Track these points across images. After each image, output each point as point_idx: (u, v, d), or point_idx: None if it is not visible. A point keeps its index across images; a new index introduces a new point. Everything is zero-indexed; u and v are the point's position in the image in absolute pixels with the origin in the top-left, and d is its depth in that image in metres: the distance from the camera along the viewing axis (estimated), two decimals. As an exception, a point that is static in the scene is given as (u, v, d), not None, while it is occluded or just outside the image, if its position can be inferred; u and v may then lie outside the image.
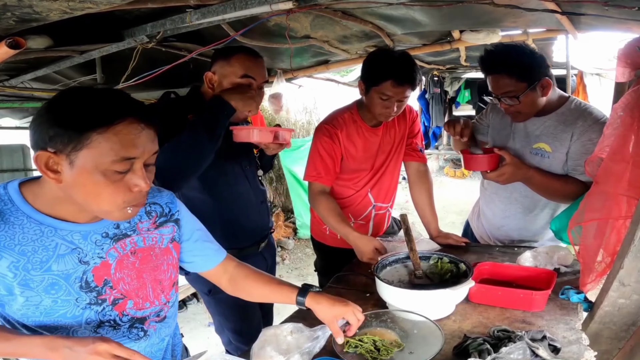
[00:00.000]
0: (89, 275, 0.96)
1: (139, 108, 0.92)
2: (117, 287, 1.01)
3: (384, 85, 1.75)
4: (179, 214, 1.15)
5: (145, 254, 1.06)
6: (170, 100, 1.66)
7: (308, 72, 3.50)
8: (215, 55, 1.68)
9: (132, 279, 1.03)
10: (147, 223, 1.09)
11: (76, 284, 0.95)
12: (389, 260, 1.56)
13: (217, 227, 1.62)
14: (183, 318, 3.82)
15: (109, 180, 0.88)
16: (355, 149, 1.96)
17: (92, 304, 0.97)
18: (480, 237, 2.12)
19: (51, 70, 2.42)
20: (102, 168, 0.87)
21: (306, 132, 6.81)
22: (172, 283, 1.14)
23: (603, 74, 6.07)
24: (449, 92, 7.88)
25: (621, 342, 1.34)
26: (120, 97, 0.92)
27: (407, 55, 1.82)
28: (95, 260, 0.97)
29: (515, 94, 1.64)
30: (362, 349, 1.14)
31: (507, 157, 1.66)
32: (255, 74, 1.63)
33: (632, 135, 1.29)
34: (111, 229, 1.02)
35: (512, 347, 1.02)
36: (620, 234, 1.31)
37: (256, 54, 1.67)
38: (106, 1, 1.14)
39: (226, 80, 1.62)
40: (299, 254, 5.34)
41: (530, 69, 1.62)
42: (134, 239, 1.05)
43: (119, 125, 0.87)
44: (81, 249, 0.96)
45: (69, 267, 0.94)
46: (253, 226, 1.82)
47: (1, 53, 1.45)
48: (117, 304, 1.01)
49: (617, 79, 1.45)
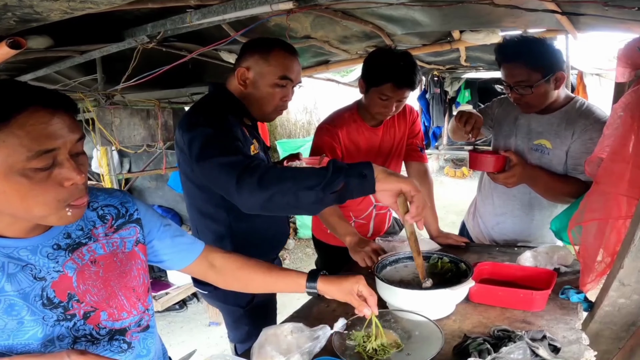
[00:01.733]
0: (49, 291, 0.89)
1: (42, 94, 0.81)
2: (85, 299, 0.93)
3: (384, 87, 1.75)
4: (139, 213, 1.06)
5: (107, 262, 0.98)
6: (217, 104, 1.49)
7: (308, 72, 3.50)
8: (248, 49, 1.50)
9: (99, 290, 0.95)
10: (103, 228, 0.99)
11: (38, 302, 0.87)
12: (389, 260, 1.56)
13: (239, 236, 1.59)
14: (183, 318, 3.83)
15: (33, 181, 0.78)
16: (355, 149, 1.96)
17: (61, 320, 0.90)
18: (476, 238, 2.12)
19: (52, 71, 2.42)
20: (19, 168, 0.76)
21: (306, 132, 6.82)
22: (147, 289, 1.06)
23: (603, 74, 6.07)
24: (449, 92, 7.88)
25: (621, 342, 1.34)
26: (15, 86, 0.81)
27: (408, 55, 1.80)
28: (52, 275, 0.89)
29: (528, 84, 1.64)
30: (362, 349, 1.14)
31: (514, 158, 1.66)
32: (293, 74, 1.50)
33: (632, 135, 1.29)
34: (62, 240, 0.92)
35: (512, 347, 1.02)
36: (620, 234, 1.32)
37: (293, 50, 1.53)
38: (107, 1, 1.14)
39: (263, 80, 1.47)
40: (299, 253, 5.34)
41: (546, 61, 1.63)
42: (92, 246, 0.96)
43: (20, 117, 0.76)
44: (33, 265, 0.87)
45: (24, 285, 0.86)
46: (273, 234, 1.74)
47: (2, 53, 1.45)
48: (89, 317, 0.94)
49: (617, 79, 1.45)
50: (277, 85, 1.48)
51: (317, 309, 1.46)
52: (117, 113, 3.35)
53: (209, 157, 1.22)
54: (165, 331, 3.61)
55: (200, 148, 1.27)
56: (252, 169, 1.12)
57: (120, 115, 3.38)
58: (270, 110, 1.54)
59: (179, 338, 3.50)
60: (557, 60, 1.65)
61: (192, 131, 1.33)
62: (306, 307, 1.49)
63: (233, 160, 1.18)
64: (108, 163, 3.62)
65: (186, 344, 3.39)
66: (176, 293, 3.74)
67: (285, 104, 1.57)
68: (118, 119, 3.36)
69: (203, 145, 1.27)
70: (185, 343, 3.42)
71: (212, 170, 1.21)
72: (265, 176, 1.09)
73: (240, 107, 1.53)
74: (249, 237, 1.62)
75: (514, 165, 1.66)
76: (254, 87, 1.50)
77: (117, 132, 3.36)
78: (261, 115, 1.57)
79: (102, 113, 3.26)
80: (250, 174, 1.11)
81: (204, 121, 1.34)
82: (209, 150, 1.24)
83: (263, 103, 1.52)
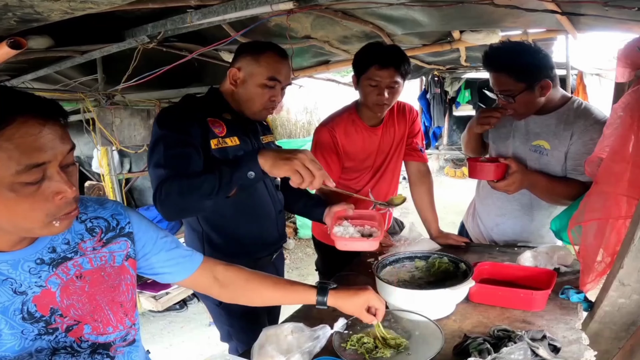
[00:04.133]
0: (30, 306, 0.85)
1: (32, 102, 0.76)
2: (68, 314, 0.89)
3: (370, 71, 1.78)
4: (131, 227, 1.01)
5: (94, 277, 0.94)
6: (190, 102, 1.58)
7: (308, 73, 3.51)
8: (242, 51, 1.57)
9: (84, 304, 0.92)
10: (91, 242, 0.95)
11: (17, 316, 0.84)
12: (389, 260, 1.56)
13: (237, 237, 1.63)
14: (183, 318, 3.83)
15: (21, 195, 0.74)
16: (354, 149, 1.97)
17: (43, 334, 0.86)
18: (475, 239, 2.12)
19: (52, 71, 2.42)
20: (7, 182, 0.73)
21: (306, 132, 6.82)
22: (134, 303, 1.03)
23: (603, 74, 6.08)
24: (449, 92, 7.89)
25: (621, 341, 1.34)
26: (2, 94, 0.75)
27: (394, 45, 1.88)
28: (34, 290, 0.86)
29: (512, 94, 1.65)
30: (363, 349, 1.15)
31: (514, 165, 1.65)
32: (282, 76, 1.56)
33: (632, 135, 1.29)
34: (46, 254, 0.88)
35: (512, 347, 1.02)
36: (620, 233, 1.32)
37: (284, 53, 1.60)
38: (107, 1, 1.14)
39: (252, 80, 1.53)
40: (299, 253, 5.34)
41: (529, 71, 1.62)
42: (78, 261, 0.92)
43: (9, 128, 0.71)
44: (13, 279, 0.84)
45: (3, 299, 0.82)
46: (270, 236, 1.76)
47: (2, 53, 1.45)
48: (72, 330, 0.90)
49: (617, 79, 1.45)
50: (265, 86, 1.53)
51: (317, 309, 1.46)
52: (117, 113, 3.35)
53: (149, 165, 1.40)
54: (166, 331, 3.62)
55: (148, 152, 1.43)
56: (166, 186, 1.28)
57: (120, 115, 3.38)
58: (258, 108, 1.58)
59: (179, 338, 3.50)
60: (543, 68, 1.64)
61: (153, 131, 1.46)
62: (306, 307, 1.49)
63: (158, 173, 1.33)
64: (108, 163, 3.63)
65: (186, 344, 3.40)
66: (176, 293, 3.75)
67: (274, 104, 1.61)
68: (118, 119, 3.37)
69: (149, 151, 1.42)
70: (185, 343, 3.42)
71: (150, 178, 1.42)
72: (171, 194, 1.28)
73: (219, 103, 1.59)
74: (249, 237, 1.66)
75: (513, 173, 1.65)
76: (244, 87, 1.56)
77: (117, 132, 3.36)
78: (251, 114, 1.60)
79: (103, 113, 3.27)
80: (160, 191, 1.29)
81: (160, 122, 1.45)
82: (150, 158, 1.40)
83: (252, 102, 1.57)
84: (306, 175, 1.19)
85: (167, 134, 1.41)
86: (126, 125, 3.43)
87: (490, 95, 1.82)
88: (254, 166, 1.24)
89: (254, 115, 1.61)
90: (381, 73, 1.77)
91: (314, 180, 1.20)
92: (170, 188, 1.28)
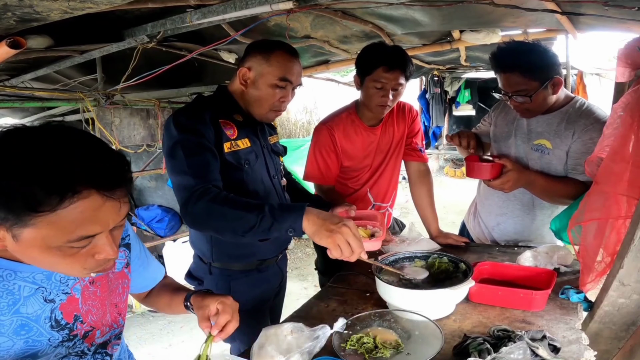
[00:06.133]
0: (57, 313, 0.89)
1: (98, 173, 0.72)
2: (87, 320, 0.95)
3: (377, 73, 1.78)
4: (129, 238, 1.09)
5: (103, 282, 1.00)
6: (202, 103, 1.54)
7: (308, 72, 3.51)
8: (252, 49, 1.53)
9: (98, 309, 0.98)
10: None
11: (47, 324, 0.87)
12: (389, 260, 1.56)
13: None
14: (183, 318, 3.82)
15: (66, 254, 0.75)
16: (352, 148, 1.97)
17: (65, 341, 0.90)
18: (477, 238, 2.12)
19: (51, 70, 2.42)
20: (55, 245, 0.73)
21: (306, 132, 6.83)
22: (126, 304, 1.09)
23: (603, 74, 6.08)
24: (449, 92, 7.89)
25: (621, 341, 1.34)
26: (68, 159, 0.69)
27: (398, 46, 1.86)
28: (61, 297, 0.90)
29: (527, 93, 1.64)
30: (363, 349, 1.15)
31: (509, 164, 1.66)
32: (293, 76, 1.52)
33: (632, 135, 1.29)
34: None
35: (512, 347, 1.02)
36: (620, 233, 1.32)
37: (295, 52, 1.56)
38: (107, 1, 1.14)
39: (263, 80, 1.50)
40: (299, 253, 5.34)
41: (542, 68, 1.62)
42: None
43: (69, 201, 0.69)
44: (44, 288, 0.87)
45: (36, 308, 0.86)
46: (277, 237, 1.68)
47: (2, 53, 1.45)
48: (87, 336, 0.96)
49: (617, 79, 1.45)
50: (276, 86, 1.50)
51: (317, 309, 1.46)
52: (117, 113, 3.35)
53: (170, 172, 1.38)
54: (165, 331, 3.62)
55: (167, 156, 1.41)
56: (197, 198, 1.27)
57: (120, 115, 3.38)
58: (267, 110, 1.55)
59: (179, 338, 3.50)
60: (554, 65, 1.64)
61: (165, 132, 1.43)
62: (306, 307, 1.49)
63: (185, 182, 1.32)
64: (108, 163, 3.62)
65: (186, 344, 3.40)
66: (176, 293, 3.74)
67: (284, 105, 1.58)
68: (118, 119, 3.37)
69: (168, 154, 1.40)
70: (185, 343, 3.42)
71: (173, 184, 1.40)
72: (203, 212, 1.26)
73: (229, 103, 1.56)
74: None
75: (508, 171, 1.66)
76: (254, 87, 1.52)
77: (117, 132, 3.36)
78: (258, 114, 1.58)
79: (102, 113, 3.26)
80: (193, 202, 1.27)
81: (176, 125, 1.41)
82: (171, 163, 1.39)
83: (261, 103, 1.53)
84: (346, 250, 1.16)
85: (184, 137, 1.38)
86: (126, 125, 3.43)
87: (497, 96, 1.81)
88: (296, 225, 1.20)
89: (261, 116, 1.58)
90: (388, 75, 1.77)
91: (352, 256, 1.17)
92: (204, 205, 1.26)
